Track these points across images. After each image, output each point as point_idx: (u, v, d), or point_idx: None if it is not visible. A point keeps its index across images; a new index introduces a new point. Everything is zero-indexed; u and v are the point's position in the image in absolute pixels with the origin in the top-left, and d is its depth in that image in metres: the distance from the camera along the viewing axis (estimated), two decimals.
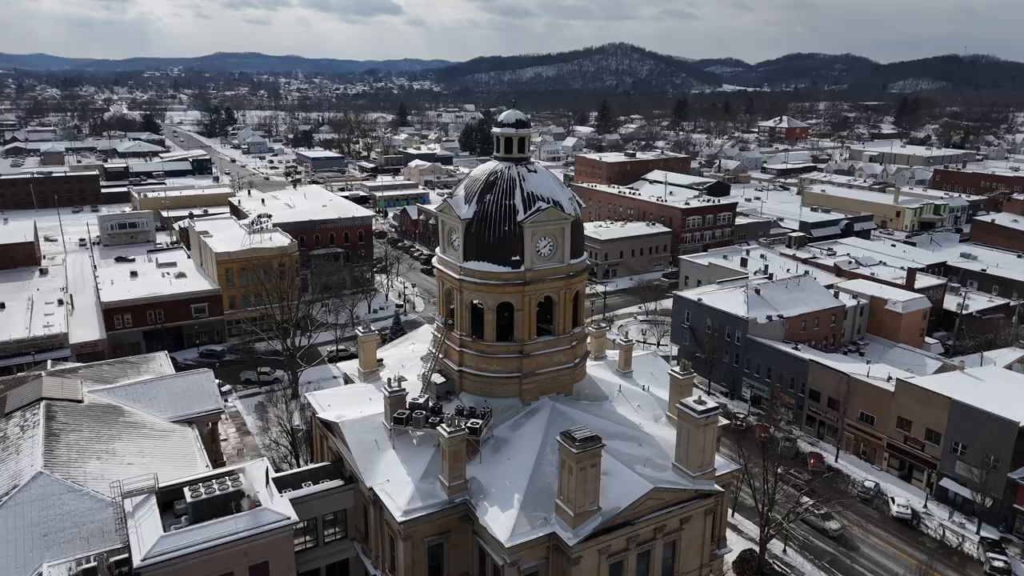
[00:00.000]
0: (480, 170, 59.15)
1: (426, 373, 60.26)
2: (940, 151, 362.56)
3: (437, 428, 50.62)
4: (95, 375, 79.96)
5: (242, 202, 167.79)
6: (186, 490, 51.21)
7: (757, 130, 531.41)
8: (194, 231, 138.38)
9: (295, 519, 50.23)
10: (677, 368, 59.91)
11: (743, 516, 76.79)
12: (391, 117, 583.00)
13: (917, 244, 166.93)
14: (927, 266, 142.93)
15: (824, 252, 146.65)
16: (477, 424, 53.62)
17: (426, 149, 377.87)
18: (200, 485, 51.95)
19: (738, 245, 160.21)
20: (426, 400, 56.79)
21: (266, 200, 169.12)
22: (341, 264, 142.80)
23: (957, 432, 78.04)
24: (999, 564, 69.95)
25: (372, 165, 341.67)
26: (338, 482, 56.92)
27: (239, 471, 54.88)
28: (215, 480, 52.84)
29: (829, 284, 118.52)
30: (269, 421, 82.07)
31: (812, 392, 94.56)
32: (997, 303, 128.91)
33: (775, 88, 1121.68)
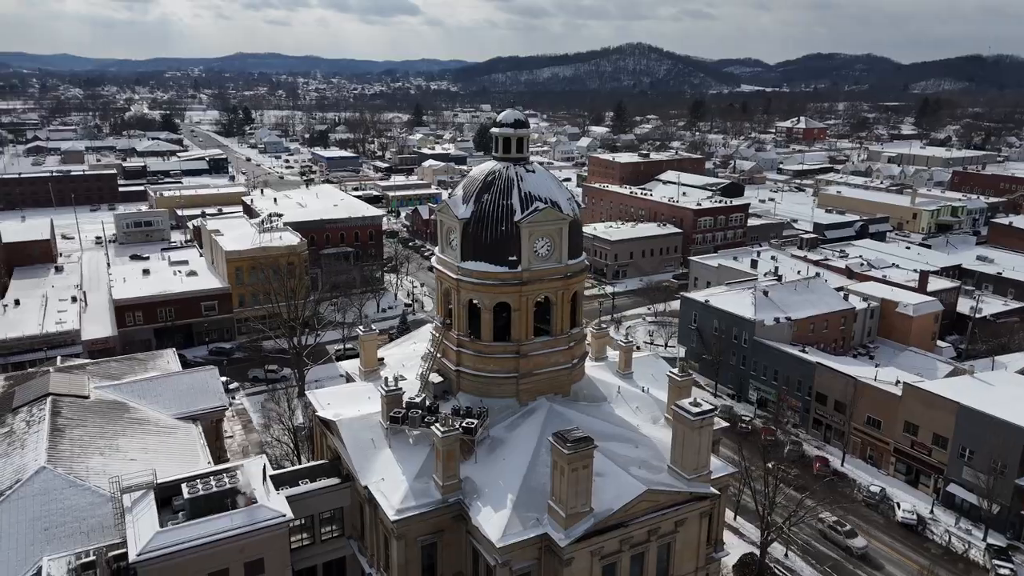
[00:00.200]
0: (478, 170, 59.22)
1: (424, 372, 60.43)
2: (960, 152, 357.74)
3: (431, 428, 50.75)
4: (102, 371, 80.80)
5: (255, 201, 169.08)
6: (184, 486, 51.51)
7: (774, 131, 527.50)
8: (205, 230, 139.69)
9: (290, 516, 50.38)
10: (676, 370, 59.65)
11: (745, 519, 76.24)
12: (407, 117, 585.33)
13: (932, 246, 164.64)
14: (941, 269, 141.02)
15: (836, 254, 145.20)
16: (472, 424, 53.65)
17: (440, 149, 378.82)
18: (198, 481, 52.24)
19: (749, 246, 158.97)
20: (423, 399, 56.94)
21: (278, 199, 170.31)
22: (351, 263, 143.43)
23: (964, 437, 76.99)
24: (1005, 571, 68.92)
25: (386, 165, 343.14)
26: (335, 480, 57.20)
27: (237, 468, 55.17)
28: (212, 477, 53.11)
29: (840, 286, 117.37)
30: (273, 419, 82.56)
31: (819, 395, 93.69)
32: (1012, 307, 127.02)
33: (794, 88, 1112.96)
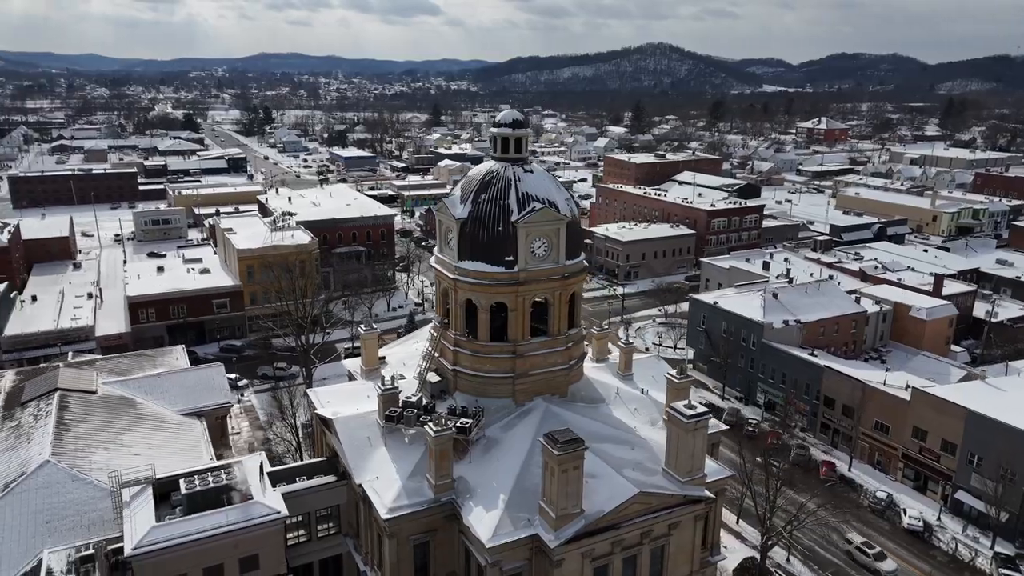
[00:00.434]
0: (477, 170, 59.33)
1: (422, 372, 60.62)
2: (984, 154, 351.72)
3: (424, 427, 50.88)
4: (111, 367, 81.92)
5: (269, 200, 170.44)
6: (181, 482, 52.12)
7: (795, 131, 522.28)
8: (219, 228, 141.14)
9: (285, 513, 50.76)
10: (674, 371, 59.33)
11: (748, 524, 75.59)
12: (425, 117, 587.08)
13: (951, 249, 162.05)
14: (959, 272, 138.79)
15: (851, 256, 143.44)
16: (467, 424, 53.73)
17: (457, 149, 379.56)
18: (195, 477, 52.78)
19: (762, 248, 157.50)
20: (419, 398, 57.14)
21: (292, 198, 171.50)
22: (362, 262, 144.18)
23: (973, 443, 75.74)
24: None
25: (403, 165, 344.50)
26: (331, 478, 57.52)
27: (235, 464, 55.76)
28: (210, 473, 53.67)
29: (852, 289, 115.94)
30: (275, 416, 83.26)
31: (827, 399, 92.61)
32: None
33: (817, 89, 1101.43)
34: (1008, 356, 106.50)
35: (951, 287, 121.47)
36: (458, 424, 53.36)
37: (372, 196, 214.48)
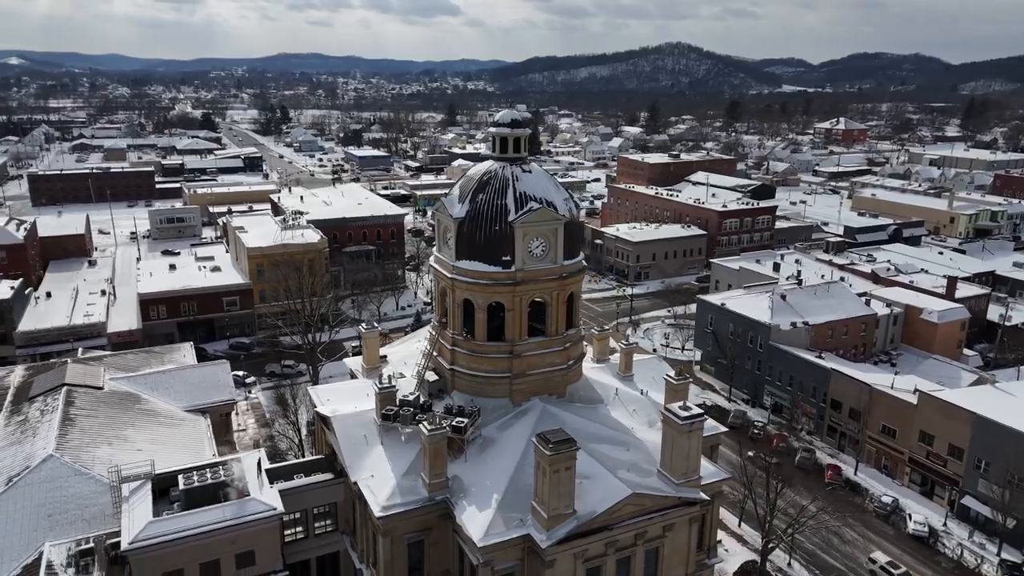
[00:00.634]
0: (475, 170, 59.33)
1: (420, 371, 60.79)
2: (1005, 155, 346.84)
3: (418, 426, 51.02)
4: (119, 363, 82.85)
5: (282, 199, 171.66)
6: (180, 478, 52.63)
7: (812, 132, 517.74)
8: (231, 226, 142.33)
9: (281, 510, 51.05)
10: (673, 373, 59.05)
11: (751, 527, 75.04)
12: (440, 117, 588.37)
13: (967, 252, 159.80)
14: (974, 275, 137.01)
15: (863, 258, 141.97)
16: (462, 423, 53.76)
17: (472, 149, 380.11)
18: (194, 473, 53.28)
19: (774, 249, 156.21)
20: (416, 397, 57.24)
21: (305, 197, 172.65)
22: (372, 261, 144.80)
23: (980, 448, 74.72)
24: None
25: (417, 164, 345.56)
26: (329, 475, 57.82)
27: (233, 461, 56.27)
28: (209, 469, 54.17)
29: (863, 291, 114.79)
30: (278, 413, 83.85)
31: (833, 402, 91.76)
32: None
33: (838, 89, 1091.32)
34: (1021, 360, 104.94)
35: (965, 290, 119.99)
36: (453, 423, 53.41)
37: (385, 195, 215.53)
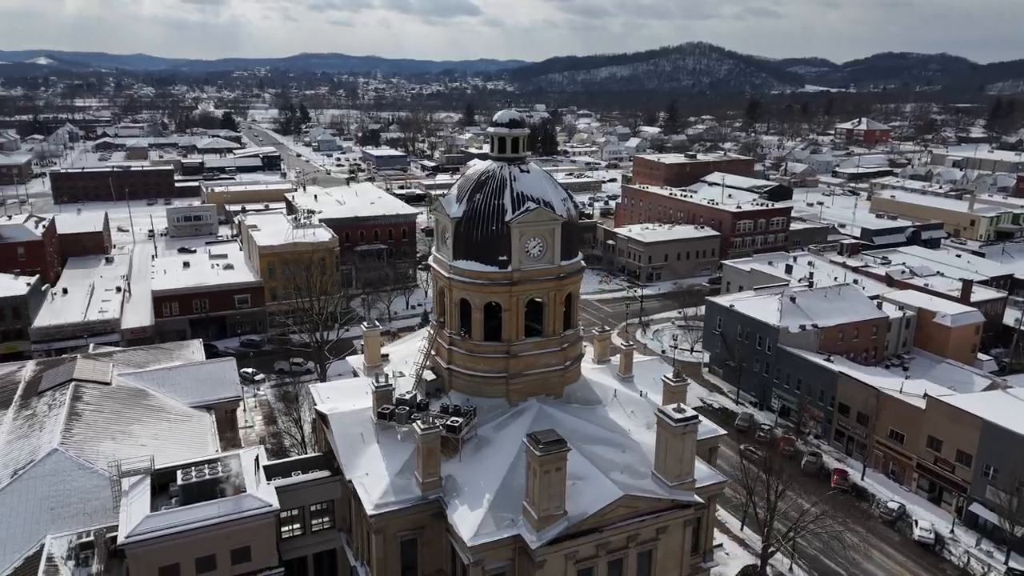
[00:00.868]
0: (474, 169, 59.53)
1: (418, 370, 60.97)
2: None
3: (412, 424, 51.18)
4: (128, 359, 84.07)
5: (296, 198, 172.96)
6: (179, 473, 53.28)
7: (833, 132, 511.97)
8: (244, 224, 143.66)
9: (276, 506, 51.52)
10: (670, 374, 58.71)
11: (753, 531, 74.36)
12: (459, 116, 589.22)
13: (986, 255, 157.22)
14: (991, 278, 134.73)
15: (878, 261, 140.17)
16: (456, 423, 53.82)
17: (488, 149, 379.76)
18: (192, 469, 53.92)
19: (788, 251, 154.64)
20: (413, 396, 57.41)
21: (319, 196, 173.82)
22: (383, 260, 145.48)
23: (988, 454, 73.49)
24: None
25: (433, 164, 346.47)
26: (325, 473, 58.19)
27: (232, 457, 56.81)
28: (207, 465, 54.77)
29: (876, 294, 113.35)
30: (280, 411, 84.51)
31: (841, 406, 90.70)
32: None
33: (862, 89, 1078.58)
34: None
35: (981, 293, 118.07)
36: (448, 423, 53.51)
37: (400, 195, 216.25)
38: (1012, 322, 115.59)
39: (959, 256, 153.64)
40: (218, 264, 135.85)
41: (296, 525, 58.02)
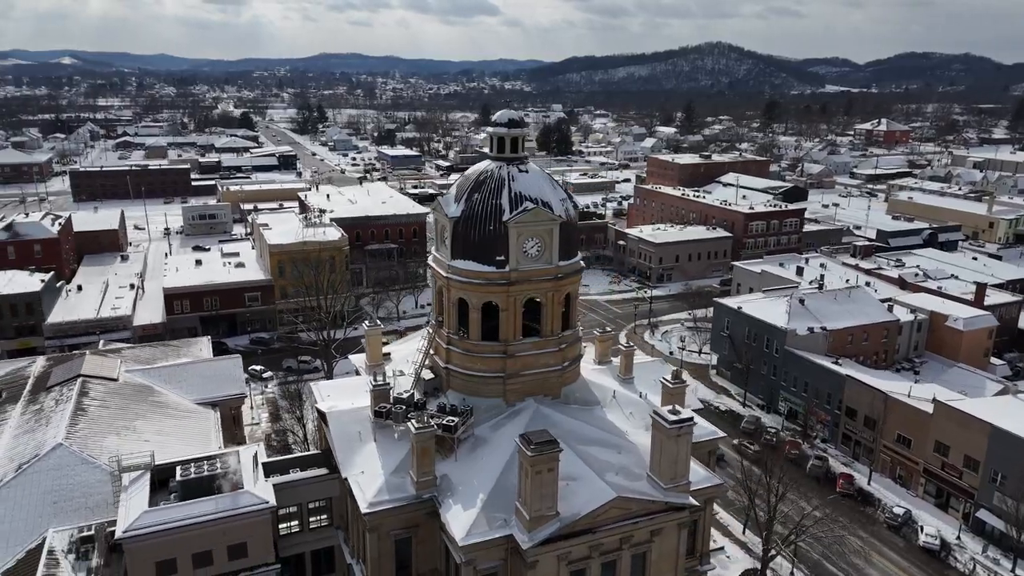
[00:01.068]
0: (473, 169, 59.53)
1: (417, 369, 61.17)
2: None
3: (407, 423, 51.34)
4: (137, 356, 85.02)
5: (308, 197, 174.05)
6: (178, 469, 53.80)
7: (853, 133, 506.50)
8: (255, 223, 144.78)
9: (273, 503, 51.83)
10: (669, 376, 58.45)
11: (755, 534, 73.77)
12: (475, 116, 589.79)
13: (1004, 258, 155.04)
14: (1007, 282, 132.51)
15: (891, 263, 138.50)
16: (452, 422, 53.90)
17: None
18: (191, 465, 54.39)
19: (800, 253, 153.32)
20: (410, 395, 57.56)
21: (331, 195, 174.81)
22: (394, 259, 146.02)
23: (996, 460, 72.40)
24: None
25: (448, 164, 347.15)
26: (323, 470, 58.50)
27: (231, 454, 57.22)
28: (206, 461, 55.24)
29: (887, 297, 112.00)
30: (286, 408, 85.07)
31: (848, 409, 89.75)
32: None
33: (883, 89, 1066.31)
34: None
35: (996, 297, 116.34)
36: (444, 422, 53.60)
37: (413, 194, 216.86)
38: None
39: (975, 259, 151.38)
40: (230, 262, 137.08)
41: (294, 522, 58.42)
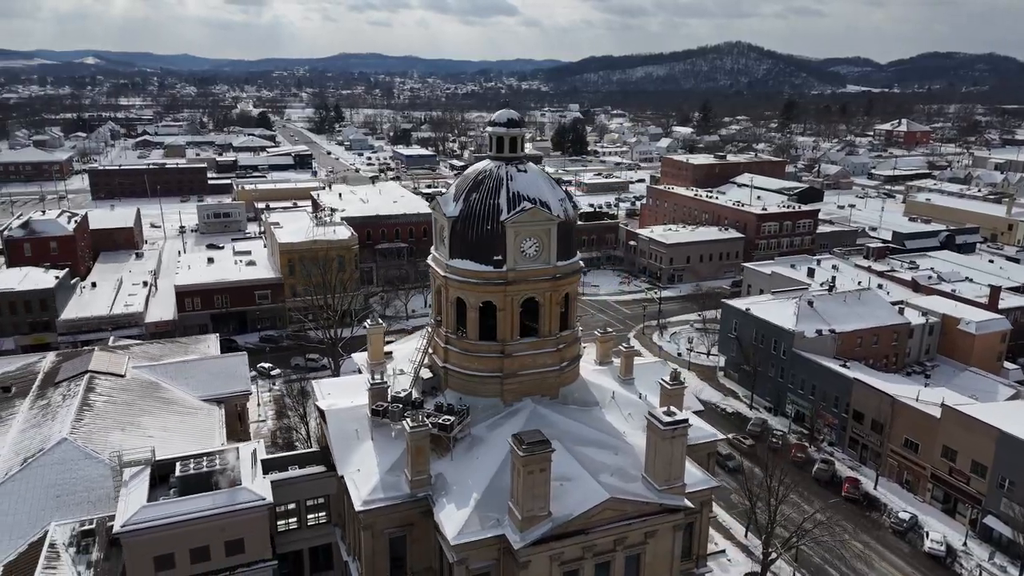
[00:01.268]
0: (472, 169, 59.71)
1: (416, 368, 61.36)
2: None
3: (402, 422, 51.52)
4: (145, 352, 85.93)
5: (321, 196, 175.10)
6: (178, 465, 54.35)
7: (872, 133, 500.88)
8: (267, 222, 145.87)
9: (270, 500, 52.23)
10: (667, 377, 58.15)
11: (756, 537, 73.17)
12: (490, 116, 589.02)
13: (1021, 261, 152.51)
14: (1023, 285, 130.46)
15: (905, 265, 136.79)
16: (448, 421, 54.02)
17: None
18: (191, 461, 54.94)
19: (813, 254, 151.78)
20: (408, 394, 57.77)
21: (343, 195, 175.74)
22: (404, 258, 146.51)
23: (1004, 466, 71.29)
24: None
25: (462, 163, 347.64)
26: (321, 468, 58.84)
27: (230, 451, 57.73)
28: (206, 457, 55.77)
29: (899, 300, 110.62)
30: (288, 406, 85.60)
31: (855, 413, 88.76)
32: None
33: (906, 89, 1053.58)
34: None
35: (1010, 300, 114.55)
36: (440, 421, 53.72)
37: (426, 194, 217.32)
38: None
39: (991, 261, 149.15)
40: (241, 260, 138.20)
41: (292, 519, 58.86)
